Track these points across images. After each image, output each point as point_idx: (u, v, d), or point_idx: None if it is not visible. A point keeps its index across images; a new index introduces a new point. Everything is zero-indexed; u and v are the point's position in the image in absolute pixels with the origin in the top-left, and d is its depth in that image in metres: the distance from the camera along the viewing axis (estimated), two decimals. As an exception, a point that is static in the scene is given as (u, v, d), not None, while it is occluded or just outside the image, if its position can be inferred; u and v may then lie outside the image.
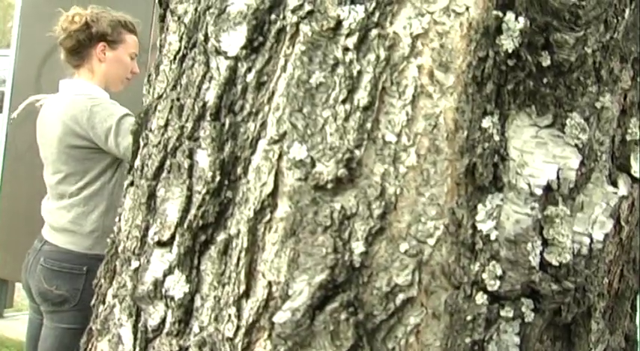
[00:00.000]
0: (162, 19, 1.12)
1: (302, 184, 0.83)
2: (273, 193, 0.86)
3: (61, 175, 2.14)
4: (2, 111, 4.75)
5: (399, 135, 0.82)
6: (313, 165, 0.83)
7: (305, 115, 0.85)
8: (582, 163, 0.89)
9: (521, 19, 0.83)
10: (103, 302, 1.06)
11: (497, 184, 0.85)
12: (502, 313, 0.84)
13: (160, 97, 1.03)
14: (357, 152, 0.82)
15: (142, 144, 1.06)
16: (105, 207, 2.15)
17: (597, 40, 0.88)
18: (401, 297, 0.81)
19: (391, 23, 0.84)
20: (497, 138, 0.84)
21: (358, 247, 0.81)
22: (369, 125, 0.83)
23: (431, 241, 0.82)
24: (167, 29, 1.07)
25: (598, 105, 0.89)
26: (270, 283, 0.85)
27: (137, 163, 1.06)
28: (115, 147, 2.03)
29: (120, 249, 1.04)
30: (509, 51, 0.83)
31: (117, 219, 1.12)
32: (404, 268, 0.81)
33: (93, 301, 1.10)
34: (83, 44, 2.18)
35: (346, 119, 0.83)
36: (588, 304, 0.90)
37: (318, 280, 0.81)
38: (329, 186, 0.82)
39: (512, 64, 0.84)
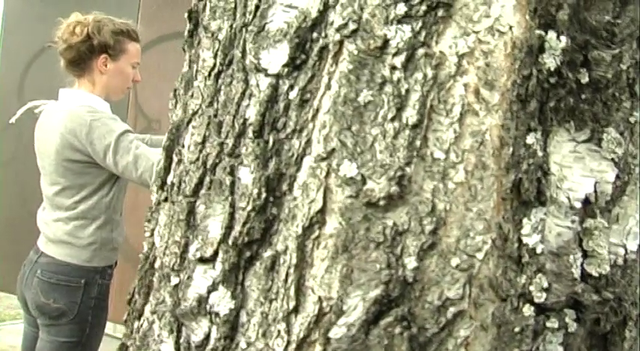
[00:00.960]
0: (191, 34, 1.13)
1: (353, 201, 0.85)
2: (322, 210, 0.87)
3: (59, 188, 2.10)
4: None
5: (447, 152, 0.84)
6: (364, 182, 0.85)
7: (354, 133, 0.86)
8: (618, 177, 0.91)
9: (562, 37, 0.86)
10: (138, 318, 1.06)
11: (541, 198, 0.87)
12: (548, 324, 0.86)
13: (194, 113, 1.04)
14: (407, 169, 0.84)
15: (175, 160, 1.07)
16: (103, 221, 2.12)
17: (631, 57, 0.91)
18: (452, 310, 0.83)
19: (437, 42, 0.86)
20: (540, 153, 0.87)
21: (411, 262, 0.83)
22: (418, 143, 0.84)
23: (479, 255, 0.84)
24: (199, 45, 1.08)
25: (632, 119, 0.92)
26: (320, 299, 0.86)
27: (171, 179, 1.06)
28: (113, 165, 2.00)
29: (157, 265, 1.04)
30: (552, 69, 0.86)
31: (147, 234, 1.12)
32: (455, 282, 0.83)
33: (125, 317, 1.10)
34: (84, 56, 2.13)
35: (395, 137, 0.85)
36: (624, 313, 0.93)
37: (373, 296, 0.82)
38: (381, 203, 0.83)
39: (554, 81, 0.86)
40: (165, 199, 1.06)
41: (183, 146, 1.07)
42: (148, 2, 3.87)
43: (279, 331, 0.88)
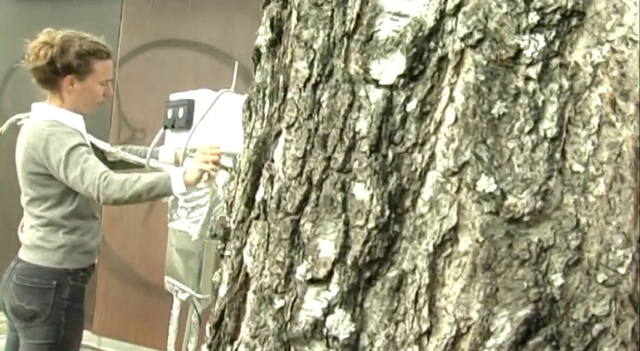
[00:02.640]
0: (273, 43, 1.08)
1: (493, 217, 0.81)
2: (455, 227, 0.83)
3: (28, 198, 2.20)
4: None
5: (586, 165, 0.82)
6: (504, 197, 0.82)
7: (489, 146, 0.83)
8: None
9: (694, 47, 0.85)
10: (231, 343, 1.01)
11: (673, 209, 0.85)
12: (686, 338, 0.85)
13: (290, 126, 0.99)
14: (549, 183, 0.81)
15: (265, 175, 1.02)
16: (70, 227, 2.19)
17: None
18: (597, 328, 0.81)
19: (570, 52, 0.84)
20: (672, 164, 0.85)
21: (557, 279, 0.80)
22: (557, 156, 0.82)
23: (621, 270, 0.82)
24: (284, 55, 1.03)
25: None
26: (456, 320, 0.82)
27: (262, 195, 1.01)
28: (64, 178, 2.07)
29: (252, 287, 0.99)
30: (683, 78, 0.85)
31: (227, 253, 1.07)
32: (601, 299, 0.81)
33: (210, 341, 1.04)
34: (50, 77, 2.18)
35: (533, 150, 0.82)
36: None
37: (522, 315, 0.79)
38: (525, 219, 0.80)
39: (685, 91, 0.85)
40: (257, 217, 1.01)
41: (272, 161, 1.03)
42: (130, 11, 3.77)
43: (410, 355, 0.84)
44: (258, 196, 1.03)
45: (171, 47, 3.62)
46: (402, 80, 0.89)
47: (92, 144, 2.29)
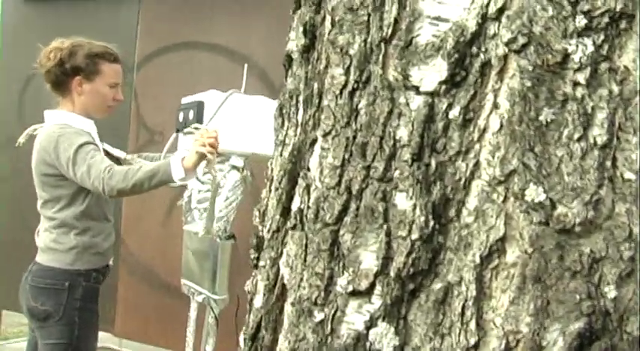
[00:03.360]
0: (306, 49, 1.06)
1: (543, 227, 0.79)
2: (502, 237, 0.81)
3: (42, 201, 2.25)
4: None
5: (638, 172, 0.79)
6: (553, 207, 0.79)
7: (537, 155, 0.81)
8: None
9: None
10: (269, 356, 0.99)
11: None
12: None
13: (326, 134, 0.97)
14: (600, 192, 0.79)
15: (302, 184, 1.00)
16: (81, 228, 2.22)
17: None
18: (652, 341, 0.79)
19: (619, 56, 0.81)
20: None
21: (611, 291, 0.78)
22: (608, 163, 0.79)
23: (674, 281, 0.79)
24: (324, 61, 1.01)
25: None
26: (505, 333, 0.80)
27: (298, 204, 0.99)
28: (73, 175, 2.11)
29: (290, 298, 0.97)
30: None
31: (262, 264, 1.05)
32: (655, 311, 0.78)
33: (247, 354, 1.02)
34: (60, 79, 2.23)
35: (583, 158, 0.80)
36: None
37: (575, 329, 0.77)
38: (577, 229, 0.78)
39: None
40: (294, 227, 0.99)
41: (308, 169, 1.01)
42: (147, 14, 3.76)
43: (458, 369, 0.81)
44: (294, 206, 1.01)
45: (188, 50, 3.61)
46: (443, 87, 0.87)
47: (108, 152, 2.33)
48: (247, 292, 1.20)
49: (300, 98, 1.07)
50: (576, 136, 0.80)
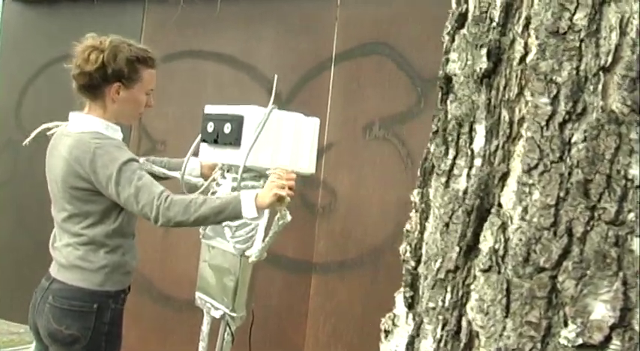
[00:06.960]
0: (490, 72, 0.98)
1: None
2: None
3: (66, 214, 2.04)
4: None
5: None
6: None
7: None
8: None
9: None
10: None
11: None
12: None
13: (531, 168, 0.89)
14: None
15: (496, 222, 0.91)
16: (112, 247, 2.05)
17: None
18: None
19: None
20: None
21: None
22: None
23: None
24: (515, 87, 0.93)
25: None
26: None
27: (491, 244, 0.91)
28: (115, 195, 1.94)
29: (492, 348, 0.88)
30: None
31: (442, 306, 0.96)
32: None
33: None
34: (97, 83, 2.03)
35: None
36: None
37: None
38: None
39: None
40: (489, 269, 0.90)
41: (500, 206, 0.92)
42: (151, 22, 3.60)
43: None
44: (485, 246, 0.92)
45: (192, 58, 3.47)
46: (685, 122, 0.80)
47: None
48: (384, 331, 1.11)
49: (476, 126, 0.98)
50: None
